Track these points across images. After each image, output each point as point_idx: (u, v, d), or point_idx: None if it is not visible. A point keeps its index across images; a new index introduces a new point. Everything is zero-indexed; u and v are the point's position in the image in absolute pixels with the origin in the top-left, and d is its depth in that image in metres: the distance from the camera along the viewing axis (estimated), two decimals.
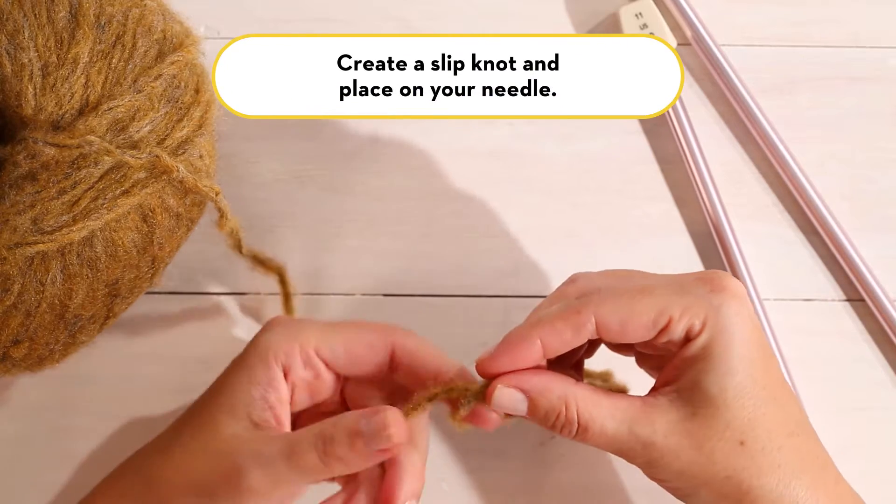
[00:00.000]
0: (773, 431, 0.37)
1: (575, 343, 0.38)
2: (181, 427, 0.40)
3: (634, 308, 0.37)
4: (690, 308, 0.37)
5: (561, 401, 0.37)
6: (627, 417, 0.37)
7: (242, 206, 0.48)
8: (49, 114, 0.39)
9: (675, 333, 0.37)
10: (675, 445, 0.36)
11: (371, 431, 0.37)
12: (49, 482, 0.46)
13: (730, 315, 0.37)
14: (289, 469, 0.37)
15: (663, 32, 0.49)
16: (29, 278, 0.39)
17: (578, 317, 0.37)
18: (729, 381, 0.36)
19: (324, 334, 0.40)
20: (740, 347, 0.37)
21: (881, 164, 0.50)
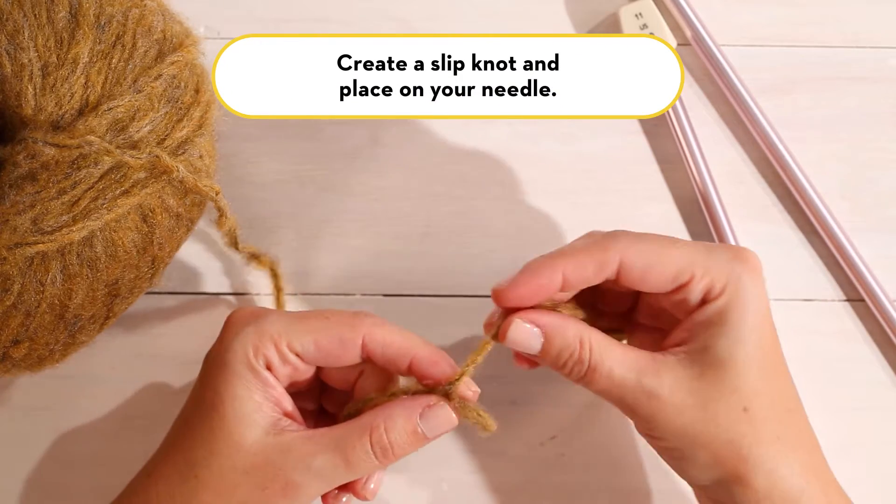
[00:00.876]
0: (776, 404, 0.37)
1: (595, 280, 0.38)
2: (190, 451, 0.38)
3: (662, 257, 0.38)
4: (713, 270, 0.37)
5: (576, 339, 0.38)
6: (636, 367, 0.37)
7: (242, 206, 0.48)
8: (49, 114, 0.39)
9: (694, 292, 0.37)
10: (679, 402, 0.37)
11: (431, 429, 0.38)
12: (49, 482, 0.46)
13: (748, 286, 0.37)
14: (346, 473, 0.38)
15: (663, 32, 0.49)
16: (29, 278, 0.39)
17: (605, 254, 0.38)
18: (740, 349, 0.37)
19: (292, 329, 0.39)
20: (754, 318, 0.37)
21: (881, 164, 0.50)
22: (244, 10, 0.52)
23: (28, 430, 0.47)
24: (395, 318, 0.48)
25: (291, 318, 0.39)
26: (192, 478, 0.38)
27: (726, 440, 0.37)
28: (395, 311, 0.48)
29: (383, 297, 0.49)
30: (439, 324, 0.48)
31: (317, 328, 0.39)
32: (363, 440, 0.37)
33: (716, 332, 0.37)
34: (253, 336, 0.39)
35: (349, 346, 0.39)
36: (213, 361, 0.39)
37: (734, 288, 0.37)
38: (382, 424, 0.38)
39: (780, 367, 0.38)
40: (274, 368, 0.39)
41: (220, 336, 0.40)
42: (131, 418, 0.47)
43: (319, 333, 0.39)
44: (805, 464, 0.38)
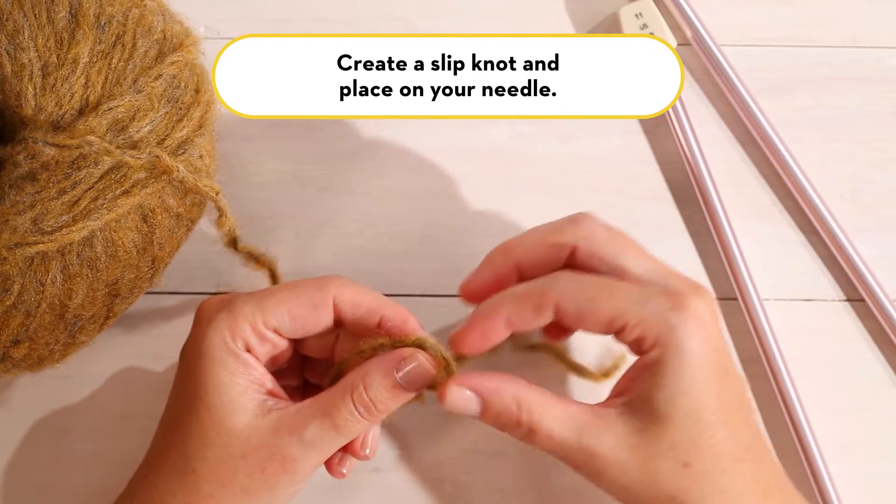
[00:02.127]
0: (719, 455, 0.37)
1: (537, 323, 0.39)
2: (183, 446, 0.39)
3: (594, 305, 0.37)
4: (645, 322, 0.36)
5: (512, 401, 0.38)
6: (577, 425, 0.37)
7: (242, 206, 0.48)
8: (49, 114, 0.39)
9: (628, 339, 0.37)
10: (621, 460, 0.37)
11: (410, 381, 0.38)
12: (49, 482, 0.46)
13: (685, 336, 0.36)
14: (338, 437, 0.38)
15: (663, 32, 0.49)
16: (29, 278, 0.39)
17: (542, 298, 0.38)
18: (678, 402, 0.36)
19: (264, 305, 0.39)
20: (693, 369, 0.36)
21: (881, 164, 0.50)
22: (244, 10, 0.52)
23: (28, 430, 0.47)
24: None
25: (261, 295, 0.40)
26: (189, 472, 0.38)
27: (668, 497, 0.36)
28: None
29: None
30: (439, 324, 0.48)
31: (287, 298, 0.40)
32: (346, 402, 0.38)
33: (653, 384, 0.36)
34: (227, 320, 0.39)
35: (321, 309, 0.40)
36: (191, 353, 0.39)
37: (667, 339, 0.36)
38: (361, 383, 0.38)
39: (728, 415, 0.37)
40: (253, 349, 0.39)
41: (193, 327, 0.40)
42: (131, 418, 0.47)
43: (291, 302, 0.39)
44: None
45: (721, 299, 0.49)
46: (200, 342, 0.39)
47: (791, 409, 0.46)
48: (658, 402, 0.36)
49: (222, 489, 0.38)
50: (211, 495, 0.38)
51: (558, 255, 0.39)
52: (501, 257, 0.40)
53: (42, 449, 0.47)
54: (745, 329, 0.48)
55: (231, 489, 0.38)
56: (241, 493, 0.38)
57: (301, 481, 0.39)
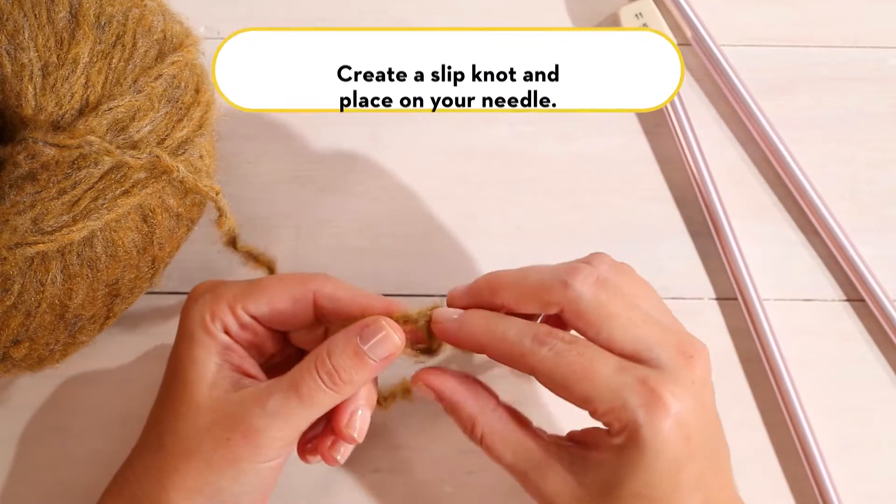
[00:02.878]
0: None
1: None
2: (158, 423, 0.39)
3: (567, 383, 0.37)
4: (613, 413, 0.36)
5: (469, 420, 0.40)
6: (527, 458, 0.38)
7: (242, 206, 0.48)
8: (49, 114, 0.39)
9: (596, 417, 0.37)
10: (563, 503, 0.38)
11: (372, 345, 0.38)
12: (49, 482, 0.46)
13: (651, 437, 0.36)
14: (301, 407, 0.38)
15: (663, 32, 0.49)
16: (29, 278, 0.39)
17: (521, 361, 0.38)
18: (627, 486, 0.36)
19: (246, 293, 0.40)
20: (651, 475, 0.36)
21: (881, 164, 0.50)
22: (244, 10, 0.52)
23: (28, 430, 0.47)
24: None
25: (248, 283, 0.41)
26: (161, 447, 0.38)
27: None
28: None
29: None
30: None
31: (269, 288, 0.40)
32: (311, 370, 0.38)
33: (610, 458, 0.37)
34: (209, 302, 0.40)
35: (301, 303, 0.40)
36: (178, 332, 0.40)
37: (633, 435, 0.36)
38: (325, 350, 0.38)
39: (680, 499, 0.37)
40: (231, 332, 0.40)
41: (182, 308, 0.41)
42: (131, 418, 0.47)
43: (272, 293, 0.40)
44: None
45: (721, 299, 0.49)
46: (185, 320, 0.40)
47: (791, 409, 0.46)
48: (608, 475, 0.37)
49: (186, 462, 0.38)
50: (177, 469, 0.38)
51: (545, 311, 0.39)
52: (487, 295, 0.40)
53: (42, 449, 0.47)
54: (745, 329, 0.48)
55: (195, 462, 0.37)
56: (203, 466, 0.37)
57: (268, 458, 0.38)
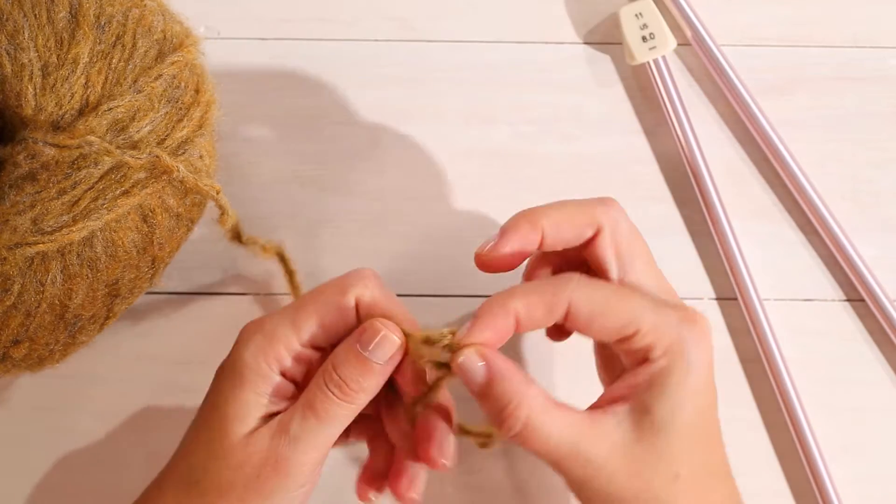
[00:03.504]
0: (706, 470, 0.37)
1: (545, 323, 0.38)
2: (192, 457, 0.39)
3: (608, 307, 0.37)
4: (658, 329, 0.36)
5: (517, 395, 0.37)
6: (574, 432, 0.37)
7: (242, 207, 0.48)
8: (49, 114, 0.39)
9: (636, 346, 0.37)
10: (614, 468, 0.36)
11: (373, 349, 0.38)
12: (49, 482, 0.46)
13: (692, 350, 0.36)
14: (319, 424, 0.37)
15: (663, 32, 0.49)
16: (29, 278, 0.39)
17: (555, 297, 0.37)
18: (679, 415, 0.36)
19: (297, 321, 0.39)
20: (695, 384, 0.36)
21: (881, 164, 0.50)
22: (244, 10, 0.52)
23: (28, 430, 0.47)
24: None
25: (293, 310, 0.39)
26: (194, 483, 0.38)
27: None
28: None
29: None
30: (439, 324, 0.48)
31: (316, 308, 0.39)
32: (320, 385, 0.38)
33: (656, 393, 0.36)
34: (263, 344, 0.38)
35: (347, 312, 0.39)
36: (224, 370, 0.39)
37: (677, 350, 0.36)
38: (330, 363, 0.38)
39: (713, 432, 0.38)
40: (288, 371, 0.39)
41: (232, 347, 0.40)
42: (131, 418, 0.47)
43: (320, 312, 0.39)
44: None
45: (721, 299, 0.49)
46: (235, 361, 0.39)
47: (791, 409, 0.46)
48: (659, 412, 0.36)
49: (220, 500, 0.37)
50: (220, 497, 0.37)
51: (582, 236, 0.38)
52: (526, 227, 0.39)
53: (42, 449, 0.47)
54: (745, 329, 0.48)
55: (229, 499, 0.37)
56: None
57: (299, 484, 0.38)
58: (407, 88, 0.51)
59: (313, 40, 0.51)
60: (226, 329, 0.48)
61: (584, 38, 0.51)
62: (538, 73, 0.51)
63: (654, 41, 0.49)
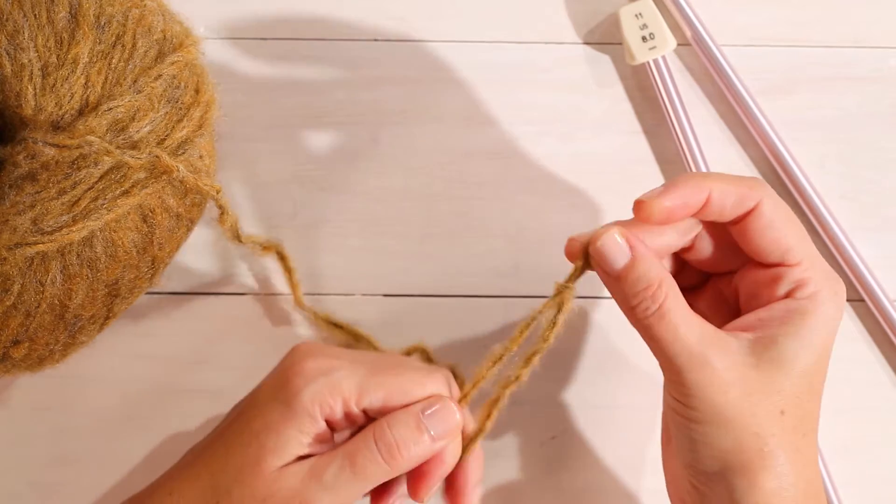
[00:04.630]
0: (806, 419, 0.38)
1: (729, 216, 0.38)
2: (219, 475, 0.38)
3: (786, 226, 0.38)
4: (816, 271, 0.38)
5: (658, 278, 0.37)
6: (701, 332, 0.37)
7: (243, 207, 0.48)
8: (49, 114, 0.39)
9: (790, 278, 0.38)
10: (728, 381, 0.36)
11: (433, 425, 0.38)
12: (49, 482, 0.46)
13: (835, 304, 0.38)
14: (354, 480, 0.38)
15: (663, 32, 0.49)
16: (29, 278, 0.39)
17: (750, 191, 0.38)
18: (804, 356, 0.37)
19: (364, 387, 0.39)
20: (827, 334, 0.37)
21: (881, 164, 0.50)
22: (244, 10, 0.52)
23: (28, 430, 0.47)
24: (395, 318, 0.48)
25: (365, 374, 0.39)
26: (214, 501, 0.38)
27: (754, 433, 0.36)
28: (395, 311, 0.48)
29: (383, 297, 0.49)
30: (439, 324, 0.48)
31: (388, 385, 0.39)
32: (368, 442, 0.38)
33: (787, 330, 0.37)
34: (325, 389, 0.38)
35: (411, 398, 0.39)
36: (275, 397, 0.39)
37: (823, 298, 0.37)
38: (385, 423, 0.38)
39: (820, 390, 0.39)
40: (334, 423, 0.39)
41: (288, 375, 0.39)
42: (131, 418, 0.47)
43: (390, 391, 0.39)
44: (810, 483, 0.38)
45: None
46: (291, 396, 0.38)
47: None
48: (784, 347, 0.37)
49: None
50: None
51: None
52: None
53: (42, 449, 0.47)
54: None
55: None
56: None
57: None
58: (407, 88, 0.51)
59: (313, 40, 0.51)
60: (226, 329, 0.48)
61: (584, 38, 0.51)
62: (538, 73, 0.51)
63: (653, 41, 0.49)
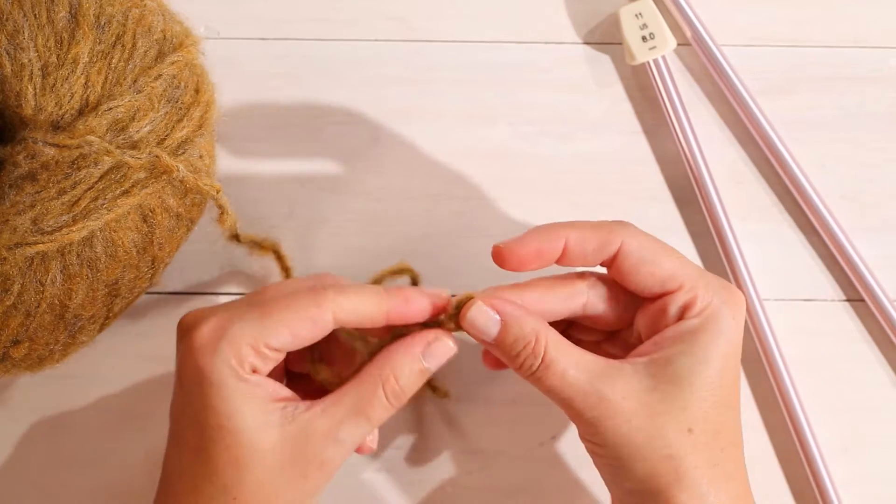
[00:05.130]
0: (720, 433, 0.37)
1: (592, 262, 0.39)
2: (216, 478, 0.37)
3: (659, 257, 0.38)
4: (700, 288, 0.38)
5: (533, 333, 0.38)
6: (591, 369, 0.37)
7: (242, 206, 0.48)
8: (49, 114, 0.39)
9: (676, 303, 0.38)
10: (628, 409, 0.37)
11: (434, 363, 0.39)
12: (49, 482, 0.46)
13: (727, 315, 0.38)
14: (370, 429, 0.38)
15: (663, 32, 0.49)
16: (29, 278, 0.39)
17: (609, 234, 0.38)
18: (701, 370, 0.37)
19: (265, 328, 0.38)
20: (724, 347, 0.38)
21: (881, 164, 0.50)
22: (244, 10, 0.52)
23: (28, 430, 0.47)
24: None
25: (259, 315, 0.38)
26: (230, 501, 0.37)
27: (666, 455, 0.37)
28: None
29: None
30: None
31: (286, 319, 0.38)
32: (378, 395, 0.38)
33: (682, 349, 0.37)
34: (230, 349, 0.37)
35: (321, 323, 0.39)
36: (197, 383, 0.38)
37: (714, 311, 0.38)
38: (391, 375, 0.38)
39: (732, 402, 0.38)
40: (258, 369, 0.38)
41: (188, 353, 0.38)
42: (131, 418, 0.47)
43: (291, 323, 0.38)
44: (736, 498, 0.38)
45: None
46: (207, 373, 0.37)
47: (791, 409, 0.46)
48: (681, 366, 0.37)
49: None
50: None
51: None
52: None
53: (42, 449, 0.47)
54: (746, 329, 0.48)
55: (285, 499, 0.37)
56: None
57: (331, 479, 0.39)
58: (407, 88, 0.51)
59: (313, 40, 0.51)
60: None
61: (584, 38, 0.51)
62: (538, 73, 0.51)
63: (653, 41, 0.49)
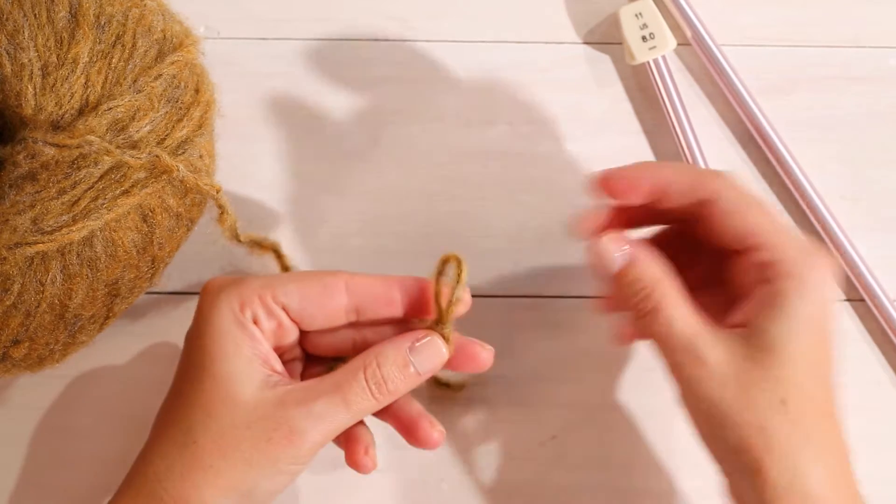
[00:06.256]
0: (815, 404, 0.36)
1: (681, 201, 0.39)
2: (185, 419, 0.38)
3: (747, 211, 0.38)
4: (785, 249, 0.37)
5: (653, 279, 0.38)
6: (697, 328, 0.37)
7: (242, 206, 0.48)
8: (49, 114, 0.39)
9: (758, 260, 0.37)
10: (723, 375, 0.36)
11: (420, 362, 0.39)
12: (50, 482, 0.46)
13: (815, 278, 0.37)
14: (346, 413, 0.38)
15: (663, 32, 0.49)
16: (29, 278, 0.39)
17: (702, 181, 0.38)
18: (793, 339, 0.36)
19: (275, 282, 0.39)
20: (814, 312, 0.37)
21: (881, 164, 0.50)
22: (244, 10, 0.52)
23: (28, 430, 0.47)
24: None
25: (273, 275, 0.40)
26: (190, 444, 0.37)
27: (758, 427, 0.36)
28: None
29: None
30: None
31: (299, 277, 0.40)
32: (358, 378, 0.38)
33: (772, 315, 0.36)
34: (236, 292, 0.39)
35: (332, 292, 0.39)
36: (199, 324, 0.39)
37: (801, 275, 0.36)
38: (374, 360, 0.38)
39: (828, 372, 0.37)
40: (260, 322, 0.39)
41: (200, 300, 0.40)
42: (131, 418, 0.47)
43: (302, 282, 0.39)
44: (831, 471, 0.36)
45: None
46: (209, 312, 0.38)
47: None
48: (773, 334, 0.36)
49: (223, 460, 0.37)
50: (211, 466, 0.37)
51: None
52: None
53: (42, 449, 0.47)
54: None
55: (233, 460, 0.37)
56: (242, 465, 0.37)
57: (303, 460, 0.38)
58: (407, 88, 0.51)
59: (313, 40, 0.51)
60: None
61: (584, 38, 0.51)
62: (538, 73, 0.51)
63: (653, 41, 0.49)
